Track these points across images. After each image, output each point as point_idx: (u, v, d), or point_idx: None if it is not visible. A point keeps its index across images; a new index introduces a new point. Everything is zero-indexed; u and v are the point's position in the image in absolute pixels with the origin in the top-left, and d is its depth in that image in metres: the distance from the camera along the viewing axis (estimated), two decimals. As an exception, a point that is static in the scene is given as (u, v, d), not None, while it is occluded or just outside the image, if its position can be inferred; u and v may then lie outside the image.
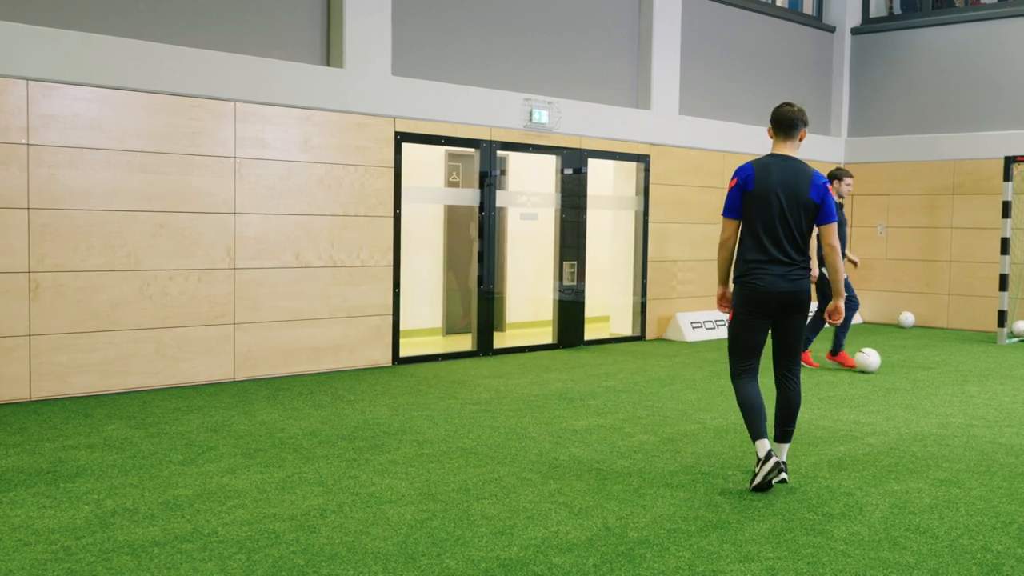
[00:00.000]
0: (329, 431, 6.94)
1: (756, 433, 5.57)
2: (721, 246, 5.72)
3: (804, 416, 7.49)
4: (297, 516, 4.96)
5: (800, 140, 5.67)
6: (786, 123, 5.64)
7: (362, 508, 5.11)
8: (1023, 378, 9.83)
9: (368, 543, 4.56)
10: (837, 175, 10.01)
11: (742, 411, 5.65)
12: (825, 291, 9.81)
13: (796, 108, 5.66)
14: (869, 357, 9.96)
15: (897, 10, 15.71)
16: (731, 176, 5.65)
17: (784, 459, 5.70)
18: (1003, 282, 13.01)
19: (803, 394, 8.25)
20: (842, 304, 5.68)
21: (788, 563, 4.38)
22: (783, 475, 5.48)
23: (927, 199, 14.71)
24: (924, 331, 14.23)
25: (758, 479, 5.47)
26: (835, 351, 10.30)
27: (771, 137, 5.72)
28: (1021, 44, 13.99)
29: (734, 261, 5.70)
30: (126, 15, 8.38)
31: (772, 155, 5.66)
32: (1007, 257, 12.99)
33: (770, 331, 5.72)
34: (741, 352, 5.68)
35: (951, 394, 8.82)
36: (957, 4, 15.26)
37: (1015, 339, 13.10)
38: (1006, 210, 12.98)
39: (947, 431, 7.23)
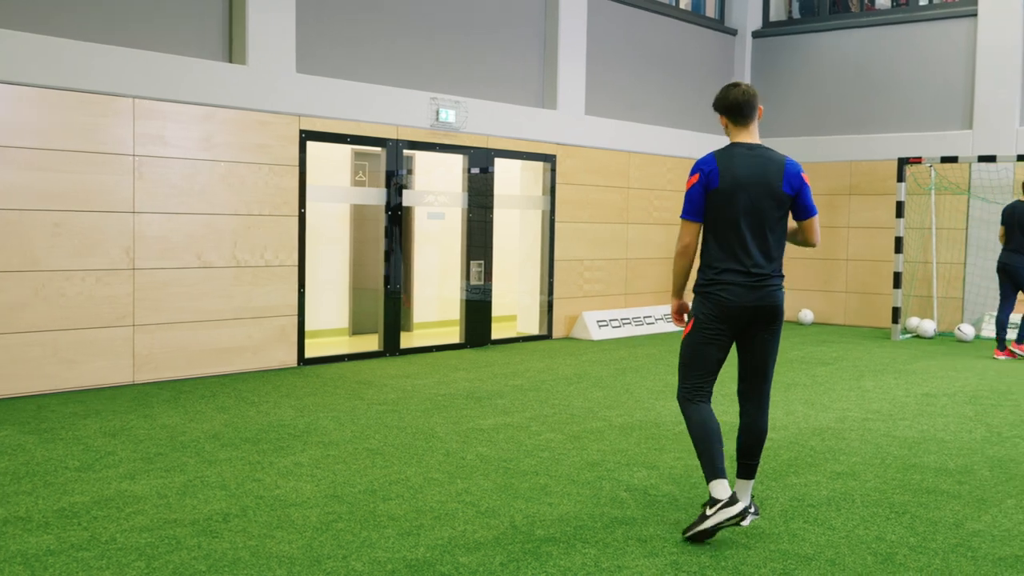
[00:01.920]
0: (232, 434, 6.83)
1: (714, 470, 4.67)
2: (681, 254, 4.86)
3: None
4: (199, 521, 4.86)
5: (759, 118, 4.89)
6: (736, 108, 4.82)
7: (266, 511, 5.03)
8: (916, 373, 10.15)
9: (272, 547, 4.50)
10: None
11: (697, 442, 4.75)
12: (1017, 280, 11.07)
13: (743, 87, 4.84)
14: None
15: (796, 14, 16.09)
16: (690, 171, 4.80)
17: (747, 502, 4.86)
18: (897, 280, 13.42)
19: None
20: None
21: (691, 557, 4.45)
22: (751, 519, 4.84)
23: (825, 199, 15.09)
24: (822, 327, 14.60)
25: (707, 524, 4.58)
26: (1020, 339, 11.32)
27: (724, 126, 4.89)
28: (913, 49, 14.45)
29: (699, 264, 4.90)
30: (18, 8, 8.12)
31: (735, 144, 4.82)
32: (901, 256, 13.41)
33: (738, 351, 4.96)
34: (698, 370, 4.82)
35: (848, 389, 9.07)
36: (853, 10, 15.68)
37: (908, 335, 13.52)
38: (900, 210, 13.41)
39: (844, 425, 7.43)
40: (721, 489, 4.63)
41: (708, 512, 4.60)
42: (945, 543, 4.70)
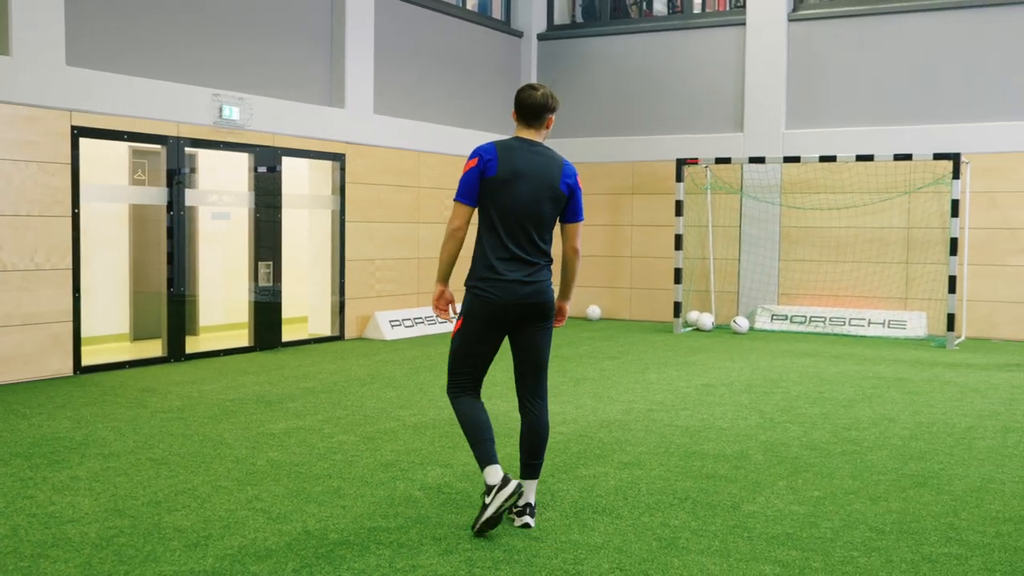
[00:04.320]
0: (1, 449, 6.40)
1: (487, 457, 4.75)
2: (450, 236, 4.80)
3: (500, 408, 7.72)
4: (-37, 544, 4.54)
5: (547, 128, 4.92)
6: (528, 111, 4.84)
7: (40, 530, 4.75)
8: (696, 364, 10.63)
9: (47, 567, 4.25)
10: None
11: (468, 432, 4.83)
12: None
13: (541, 92, 4.84)
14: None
15: (579, 19, 16.53)
16: (469, 156, 4.80)
17: (532, 500, 4.94)
18: (677, 275, 14.01)
19: (496, 388, 8.51)
20: (568, 307, 5.13)
21: (485, 552, 4.49)
22: (527, 519, 4.86)
23: (610, 198, 15.59)
24: (609, 323, 15.08)
25: (489, 511, 4.64)
26: None
27: (515, 121, 4.93)
28: (688, 55, 15.11)
29: (472, 259, 4.88)
30: None
31: (516, 137, 4.86)
32: (680, 252, 14.01)
33: (512, 347, 4.96)
34: (468, 368, 4.88)
35: (634, 382, 9.40)
36: (632, 15, 16.26)
37: (689, 328, 14.15)
38: (679, 209, 14.00)
39: (630, 416, 7.69)
40: (494, 474, 4.70)
41: (487, 500, 4.67)
42: (724, 525, 4.93)
